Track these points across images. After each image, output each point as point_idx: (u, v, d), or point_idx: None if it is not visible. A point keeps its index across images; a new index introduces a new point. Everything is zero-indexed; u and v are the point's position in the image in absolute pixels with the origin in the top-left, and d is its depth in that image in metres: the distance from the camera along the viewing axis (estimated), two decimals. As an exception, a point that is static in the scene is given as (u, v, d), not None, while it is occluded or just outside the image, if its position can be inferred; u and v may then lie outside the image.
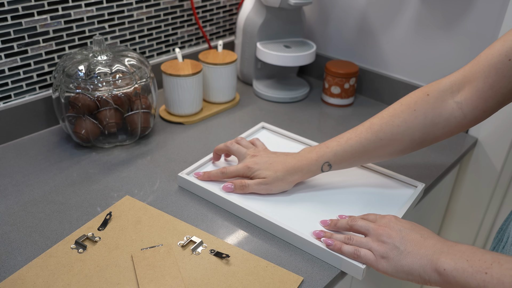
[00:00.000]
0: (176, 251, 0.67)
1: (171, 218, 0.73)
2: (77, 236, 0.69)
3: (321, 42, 1.27)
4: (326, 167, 0.76)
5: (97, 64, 0.87)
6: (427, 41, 1.06)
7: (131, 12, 1.05)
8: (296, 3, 1.04)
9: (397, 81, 1.13)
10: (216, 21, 1.25)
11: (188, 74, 0.98)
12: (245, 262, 0.66)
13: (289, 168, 0.76)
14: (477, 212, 1.10)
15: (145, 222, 0.72)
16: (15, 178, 0.83)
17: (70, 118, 0.89)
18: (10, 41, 0.89)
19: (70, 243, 0.67)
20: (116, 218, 0.72)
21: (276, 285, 0.62)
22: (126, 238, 0.69)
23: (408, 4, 1.06)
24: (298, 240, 0.69)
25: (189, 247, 0.68)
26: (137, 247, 0.67)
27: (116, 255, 0.66)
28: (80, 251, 0.66)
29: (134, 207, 0.75)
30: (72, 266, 0.63)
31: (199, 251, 0.67)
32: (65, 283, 0.61)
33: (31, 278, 0.62)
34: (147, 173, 0.86)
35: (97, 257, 0.65)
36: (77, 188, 0.81)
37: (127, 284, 0.61)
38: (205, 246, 0.68)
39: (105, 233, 0.69)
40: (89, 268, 0.63)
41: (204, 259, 0.66)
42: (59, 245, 0.67)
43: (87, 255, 0.65)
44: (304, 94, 1.17)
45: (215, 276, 0.63)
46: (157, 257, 0.65)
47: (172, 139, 0.97)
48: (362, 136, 0.74)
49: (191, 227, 0.71)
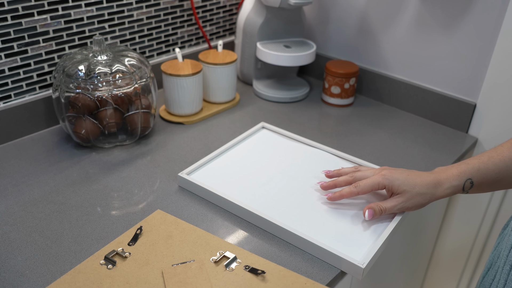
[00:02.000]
0: (209, 267, 0.64)
1: (203, 233, 0.70)
2: (106, 251, 0.66)
3: (321, 42, 1.27)
4: (468, 184, 0.69)
5: (97, 64, 0.87)
6: (427, 41, 1.06)
7: (131, 12, 1.05)
8: (296, 3, 1.04)
9: (397, 81, 1.13)
10: (216, 21, 1.25)
11: (188, 74, 0.98)
12: (282, 279, 0.62)
13: (428, 182, 0.69)
14: (476, 212, 1.10)
15: (177, 236, 0.69)
16: (15, 178, 0.83)
17: (70, 118, 0.89)
18: (10, 41, 0.89)
19: (99, 258, 0.65)
20: (146, 232, 0.70)
21: None
22: (156, 254, 0.66)
23: (408, 4, 1.06)
24: (298, 240, 0.69)
25: (222, 262, 0.65)
26: (168, 263, 0.64)
27: (147, 271, 0.63)
28: (109, 267, 0.63)
29: (165, 221, 0.72)
30: (101, 283, 0.61)
31: (233, 267, 0.64)
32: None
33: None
34: (147, 173, 0.86)
35: (126, 273, 0.63)
36: (77, 188, 0.81)
37: None
38: (239, 261, 0.65)
39: (135, 248, 0.67)
40: (119, 285, 0.61)
41: (238, 276, 0.62)
42: (88, 260, 0.64)
43: (117, 271, 0.63)
44: (304, 94, 1.17)
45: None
46: (188, 273, 0.62)
47: (172, 139, 0.97)
48: (505, 155, 0.68)
49: (224, 242, 0.68)
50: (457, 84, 1.06)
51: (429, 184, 0.69)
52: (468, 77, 1.03)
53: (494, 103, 1.00)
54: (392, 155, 0.95)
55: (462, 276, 1.20)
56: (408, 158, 0.94)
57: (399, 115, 1.13)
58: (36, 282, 0.62)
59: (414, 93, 1.11)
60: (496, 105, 1.00)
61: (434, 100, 1.08)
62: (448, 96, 1.06)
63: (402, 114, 1.13)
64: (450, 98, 1.06)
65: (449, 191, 0.69)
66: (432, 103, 1.09)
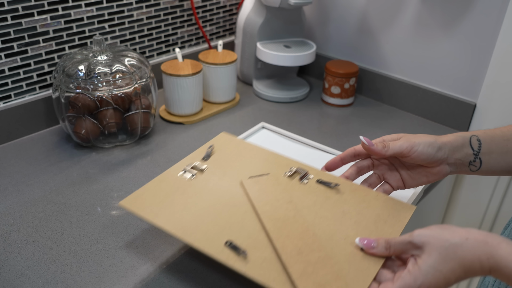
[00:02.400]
0: (284, 181, 0.67)
1: (271, 152, 0.73)
2: (182, 166, 0.69)
3: (321, 42, 1.27)
4: (476, 141, 0.64)
5: (97, 64, 0.87)
6: (427, 41, 1.06)
7: (131, 12, 1.05)
8: (296, 3, 1.04)
9: (397, 81, 1.13)
10: (216, 21, 1.25)
11: (188, 74, 0.98)
12: (355, 192, 0.65)
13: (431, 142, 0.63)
14: (476, 213, 1.10)
15: (247, 154, 0.73)
16: (15, 178, 0.83)
17: (70, 118, 0.89)
18: (10, 41, 0.89)
19: (178, 171, 0.68)
20: (217, 151, 0.73)
21: (389, 212, 0.62)
22: (231, 167, 0.70)
23: (408, 4, 1.06)
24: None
25: (296, 177, 0.68)
26: (244, 175, 0.68)
27: (225, 181, 0.67)
28: (189, 177, 0.67)
29: (232, 141, 0.76)
30: (186, 190, 0.65)
31: (306, 181, 0.67)
32: (182, 204, 0.62)
33: (148, 197, 0.63)
34: (147, 173, 0.86)
35: (207, 182, 0.66)
36: (77, 188, 0.81)
37: (243, 206, 0.62)
38: (311, 177, 0.68)
39: (209, 163, 0.70)
40: (202, 192, 0.64)
41: (312, 188, 0.66)
42: (167, 172, 0.68)
43: (197, 181, 0.67)
44: (304, 94, 1.17)
45: (328, 203, 0.63)
46: (267, 183, 0.66)
47: (172, 139, 0.97)
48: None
49: (293, 161, 0.71)
50: (457, 84, 1.06)
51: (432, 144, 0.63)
52: (468, 77, 1.03)
53: (494, 103, 1.00)
54: (392, 155, 0.95)
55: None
56: (408, 158, 0.94)
57: (399, 115, 1.13)
58: (36, 282, 0.62)
59: (414, 93, 1.11)
60: (496, 105, 1.00)
61: (434, 100, 1.08)
62: (448, 96, 1.06)
63: (402, 114, 1.13)
64: (450, 98, 1.06)
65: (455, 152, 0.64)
66: (432, 103, 1.09)
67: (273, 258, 0.55)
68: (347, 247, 0.57)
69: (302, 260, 0.54)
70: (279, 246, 0.56)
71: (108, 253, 0.68)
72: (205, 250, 0.56)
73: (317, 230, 0.59)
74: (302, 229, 0.59)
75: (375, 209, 0.63)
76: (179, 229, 0.58)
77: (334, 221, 0.61)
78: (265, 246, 0.57)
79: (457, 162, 0.65)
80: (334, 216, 0.61)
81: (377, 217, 0.61)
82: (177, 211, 0.61)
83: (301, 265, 0.54)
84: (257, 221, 0.60)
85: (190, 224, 0.59)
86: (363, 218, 0.61)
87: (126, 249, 0.68)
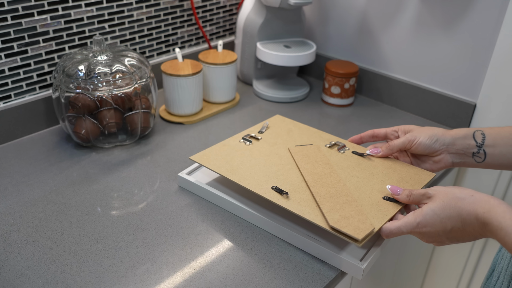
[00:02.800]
0: (324, 150, 0.81)
1: (316, 130, 0.88)
2: (241, 135, 0.85)
3: (321, 42, 1.27)
4: (479, 135, 0.70)
5: (97, 64, 0.87)
6: (427, 41, 1.06)
7: (131, 12, 1.05)
8: (296, 3, 1.04)
9: (397, 81, 1.13)
10: (216, 21, 1.25)
11: (188, 74, 0.98)
12: (383, 160, 0.78)
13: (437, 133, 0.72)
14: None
15: (295, 131, 0.87)
16: (15, 178, 0.83)
17: (70, 118, 0.89)
18: (10, 41, 0.89)
19: (237, 139, 0.84)
20: (270, 127, 0.89)
21: (411, 177, 0.73)
22: (282, 139, 0.85)
23: (408, 4, 1.06)
24: (298, 240, 0.69)
25: (335, 148, 0.82)
26: (292, 144, 0.83)
27: (276, 148, 0.82)
28: (247, 144, 0.83)
29: (284, 121, 0.91)
30: (243, 152, 0.80)
31: (343, 152, 0.81)
32: (240, 161, 0.78)
33: (213, 155, 0.79)
34: (147, 173, 0.86)
35: (261, 147, 0.82)
36: (77, 188, 0.81)
37: (288, 164, 0.77)
38: (347, 148, 0.82)
39: (264, 135, 0.86)
40: (257, 154, 0.80)
41: (348, 156, 0.80)
42: (228, 140, 0.84)
43: (253, 147, 0.82)
44: (304, 94, 1.17)
45: (359, 167, 0.76)
46: (310, 150, 0.80)
47: (172, 139, 0.97)
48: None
49: (335, 137, 0.86)
50: (457, 84, 1.06)
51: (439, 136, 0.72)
52: (468, 77, 1.03)
53: (494, 103, 1.00)
54: (392, 155, 0.95)
55: (462, 276, 1.20)
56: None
57: (399, 115, 1.13)
58: (36, 282, 0.62)
59: (414, 93, 1.11)
60: (496, 105, 1.00)
61: (434, 100, 1.08)
62: (448, 96, 1.06)
63: (402, 114, 1.13)
64: (450, 98, 1.06)
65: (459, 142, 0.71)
66: (432, 103, 1.09)
67: (310, 199, 0.69)
68: (372, 196, 0.69)
69: (332, 201, 0.67)
70: (315, 191, 0.69)
71: (108, 253, 0.68)
72: (255, 190, 0.70)
73: (348, 183, 0.72)
74: (335, 181, 0.72)
75: (400, 173, 0.75)
76: (236, 177, 0.74)
77: (363, 179, 0.74)
78: (304, 191, 0.71)
79: (459, 152, 0.72)
80: (364, 175, 0.74)
81: (400, 178, 0.73)
82: (235, 165, 0.77)
83: (331, 204, 0.67)
84: (299, 174, 0.75)
85: (244, 174, 0.74)
86: (388, 179, 0.74)
87: (126, 249, 0.68)
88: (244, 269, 0.66)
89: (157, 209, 0.76)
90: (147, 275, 0.64)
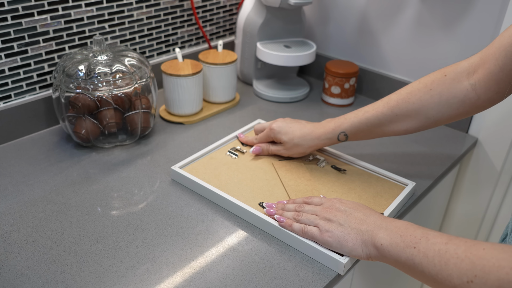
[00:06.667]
0: (306, 164, 0.87)
1: None
2: (227, 148, 0.90)
3: (321, 42, 1.27)
4: (343, 136, 0.82)
5: (97, 64, 0.87)
6: (427, 41, 1.06)
7: (131, 12, 1.05)
8: (296, 3, 1.04)
9: (397, 81, 1.13)
10: (216, 21, 1.25)
11: (188, 74, 0.98)
12: (360, 175, 0.85)
13: (305, 134, 0.83)
14: (477, 212, 1.10)
15: None
16: (15, 178, 0.83)
17: (70, 118, 0.89)
18: (10, 41, 0.89)
19: (224, 151, 0.89)
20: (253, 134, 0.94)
21: (385, 190, 0.81)
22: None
23: (408, 4, 1.06)
24: (297, 242, 0.69)
25: (315, 162, 0.88)
26: (275, 158, 0.88)
27: (261, 162, 0.87)
28: (233, 157, 0.88)
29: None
30: (230, 166, 0.85)
31: (323, 166, 0.86)
32: (227, 175, 0.82)
33: (201, 168, 0.84)
34: (147, 173, 0.86)
35: (246, 161, 0.87)
36: (77, 188, 0.81)
37: (273, 180, 0.82)
38: (327, 162, 0.88)
39: (248, 148, 0.91)
40: (242, 168, 0.85)
41: (327, 171, 0.86)
42: (216, 152, 0.89)
43: (239, 160, 0.87)
44: (304, 94, 1.17)
45: (338, 182, 0.83)
46: (292, 165, 0.86)
47: (172, 139, 0.97)
48: (379, 110, 0.78)
49: (315, 152, 0.91)
50: (457, 84, 1.05)
51: (305, 137, 0.83)
52: (468, 77, 1.03)
53: (494, 103, 1.00)
54: (392, 155, 0.95)
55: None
56: (408, 158, 0.94)
57: (399, 115, 1.12)
58: (36, 282, 0.62)
59: (414, 93, 1.11)
60: (496, 105, 1.00)
61: (434, 100, 1.08)
62: (448, 96, 1.06)
63: (402, 114, 1.13)
64: (450, 98, 1.06)
65: (325, 142, 0.83)
66: (432, 103, 1.09)
67: None
68: None
69: None
70: None
71: (108, 253, 0.68)
72: (244, 207, 0.73)
73: None
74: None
75: (375, 187, 0.81)
76: (225, 191, 0.78)
77: (342, 194, 0.79)
78: None
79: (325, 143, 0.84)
80: (342, 190, 0.80)
81: (376, 193, 0.80)
82: (223, 180, 0.81)
83: None
84: (283, 191, 0.79)
85: (233, 189, 0.79)
86: (364, 193, 0.79)
87: (126, 249, 0.68)
88: (244, 269, 0.66)
89: (157, 209, 0.77)
90: (147, 275, 0.64)
